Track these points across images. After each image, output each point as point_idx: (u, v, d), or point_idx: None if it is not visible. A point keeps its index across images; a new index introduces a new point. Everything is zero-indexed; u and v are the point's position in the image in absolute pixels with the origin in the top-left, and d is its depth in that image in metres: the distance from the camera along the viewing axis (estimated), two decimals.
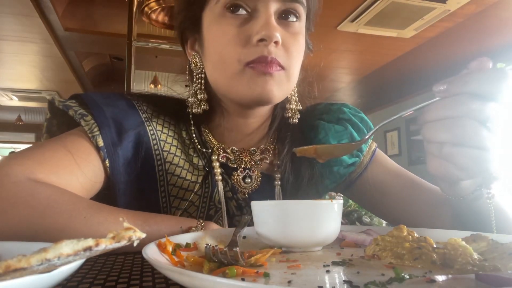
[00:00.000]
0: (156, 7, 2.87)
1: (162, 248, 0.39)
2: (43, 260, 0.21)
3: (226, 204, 0.67)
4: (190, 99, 0.68)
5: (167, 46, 2.62)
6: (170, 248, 0.40)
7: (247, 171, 0.69)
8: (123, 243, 0.24)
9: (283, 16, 0.61)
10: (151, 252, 0.36)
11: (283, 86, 0.61)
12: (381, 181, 0.75)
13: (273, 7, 0.59)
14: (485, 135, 0.42)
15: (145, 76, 4.95)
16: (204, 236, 0.50)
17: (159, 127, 0.67)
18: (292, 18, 0.61)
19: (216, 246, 0.41)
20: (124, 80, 2.52)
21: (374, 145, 0.79)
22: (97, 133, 0.60)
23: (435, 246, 0.41)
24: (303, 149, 0.54)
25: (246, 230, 0.55)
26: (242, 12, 0.59)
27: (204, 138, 0.71)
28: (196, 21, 0.65)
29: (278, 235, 0.47)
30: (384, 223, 2.54)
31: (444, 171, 0.45)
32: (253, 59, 0.58)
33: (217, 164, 0.68)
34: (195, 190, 0.66)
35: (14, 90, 5.64)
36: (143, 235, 0.25)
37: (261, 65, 0.58)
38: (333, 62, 4.34)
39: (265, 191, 0.71)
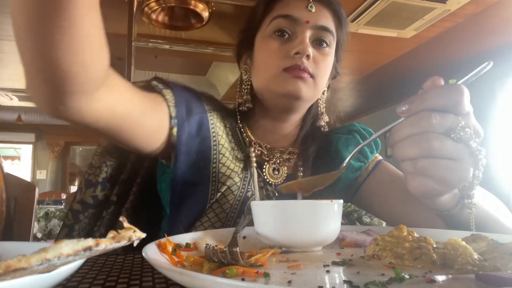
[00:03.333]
0: (156, 7, 2.87)
1: (162, 248, 0.39)
2: (43, 260, 0.21)
3: (258, 191, 0.78)
4: (238, 100, 0.84)
5: (167, 46, 2.62)
6: (170, 248, 0.40)
7: (276, 164, 0.81)
8: (123, 243, 0.24)
9: (317, 42, 0.76)
10: (151, 252, 0.36)
11: (310, 90, 0.75)
12: (385, 186, 0.80)
13: (308, 33, 0.75)
14: (452, 145, 0.45)
15: (145, 76, 4.96)
16: (204, 236, 0.50)
17: (215, 116, 0.79)
18: (323, 45, 0.76)
19: (216, 246, 0.41)
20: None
21: (380, 157, 0.86)
22: (172, 104, 0.70)
23: (435, 246, 0.41)
24: (287, 185, 0.60)
25: (246, 230, 0.55)
26: (285, 35, 0.76)
27: (244, 134, 0.83)
28: (250, 41, 0.82)
29: (278, 235, 0.47)
30: (384, 223, 2.55)
31: (424, 187, 0.47)
32: (289, 66, 0.73)
33: (253, 154, 0.79)
34: (238, 173, 0.76)
35: (14, 90, 5.63)
36: (143, 235, 0.25)
37: (295, 71, 0.73)
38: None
39: None
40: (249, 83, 0.83)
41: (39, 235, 2.46)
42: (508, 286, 0.27)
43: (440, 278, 0.31)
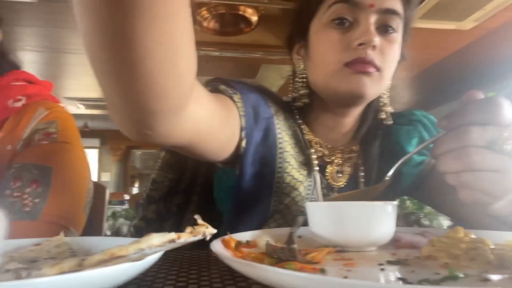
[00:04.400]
0: (207, 15, 2.99)
1: (226, 244, 0.43)
2: (138, 249, 0.25)
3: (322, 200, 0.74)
4: (293, 95, 0.76)
5: (217, 53, 2.71)
6: (233, 244, 0.44)
7: (339, 166, 0.76)
8: (198, 237, 0.28)
9: (382, 28, 0.68)
10: (218, 247, 0.40)
11: (376, 85, 0.68)
12: None
13: (373, 18, 0.66)
14: (493, 157, 0.45)
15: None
16: (262, 235, 0.53)
17: (280, 119, 0.74)
18: (389, 30, 0.68)
19: (275, 242, 0.44)
20: None
21: None
22: (243, 113, 0.65)
23: (492, 247, 0.41)
24: (329, 199, 0.63)
25: (301, 230, 0.57)
26: (345, 23, 0.67)
27: (305, 133, 0.77)
28: (304, 29, 0.74)
29: (332, 234, 0.49)
30: (445, 226, 2.42)
31: (472, 198, 0.48)
32: (352, 60, 0.65)
33: (314, 157, 0.73)
34: (303, 181, 0.71)
35: (81, 99, 6.10)
36: (214, 231, 0.29)
37: (358, 65, 0.65)
38: None
39: (349, 190, 0.73)
40: (304, 75, 0.75)
41: (108, 233, 2.67)
42: None
43: (496, 277, 0.32)
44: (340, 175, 0.75)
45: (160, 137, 0.45)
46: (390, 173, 0.56)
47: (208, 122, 0.54)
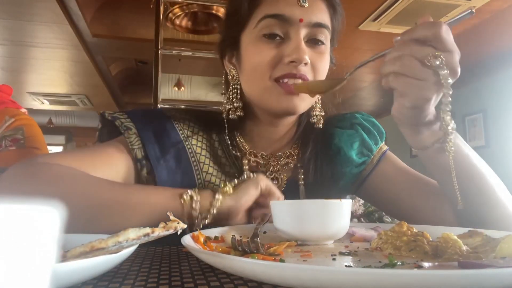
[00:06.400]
0: (180, 13, 2.99)
1: (195, 239, 0.47)
2: (116, 242, 0.29)
3: None
4: (226, 106, 0.76)
5: (190, 53, 2.73)
6: (202, 239, 0.47)
7: (274, 174, 0.78)
8: (171, 231, 0.32)
9: (311, 40, 0.70)
10: (188, 241, 0.43)
11: (307, 100, 0.71)
12: (390, 178, 0.80)
13: (303, 33, 0.68)
14: (420, 68, 0.53)
15: (169, 79, 5.11)
16: (230, 231, 0.57)
17: (194, 142, 0.76)
18: (318, 43, 0.71)
19: (240, 237, 0.48)
20: (148, 83, 2.65)
21: (385, 147, 0.85)
22: (137, 146, 0.69)
23: (430, 239, 0.47)
24: (297, 85, 0.66)
25: (267, 226, 0.61)
26: (276, 38, 0.69)
27: (237, 143, 0.78)
28: (235, 40, 0.74)
29: (294, 230, 0.54)
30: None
31: (397, 107, 0.58)
32: (283, 75, 0.68)
33: (247, 167, 0.76)
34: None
35: (45, 95, 5.90)
36: (185, 226, 0.33)
37: (289, 86, 0.67)
38: (355, 62, 4.32)
39: (290, 193, 0.77)
40: (238, 86, 0.75)
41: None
42: (476, 269, 0.32)
43: (427, 264, 0.37)
44: (276, 182, 0.77)
45: None
46: (352, 72, 0.63)
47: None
